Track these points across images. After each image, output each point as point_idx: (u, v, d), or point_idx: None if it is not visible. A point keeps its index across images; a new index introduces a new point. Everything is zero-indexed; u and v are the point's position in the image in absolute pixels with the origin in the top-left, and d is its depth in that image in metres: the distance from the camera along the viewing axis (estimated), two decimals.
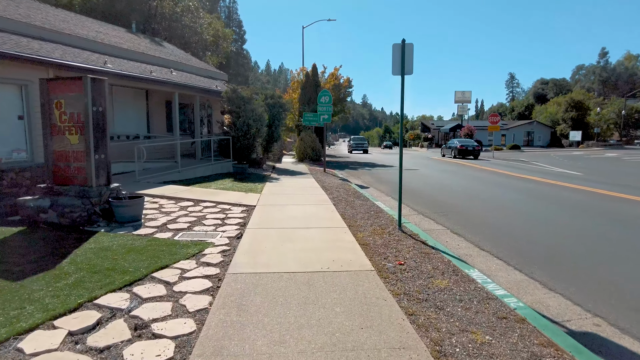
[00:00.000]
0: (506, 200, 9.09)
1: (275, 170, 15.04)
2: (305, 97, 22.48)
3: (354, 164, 22.43)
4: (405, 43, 5.45)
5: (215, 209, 7.14)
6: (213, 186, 9.88)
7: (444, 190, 11.06)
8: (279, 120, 16.82)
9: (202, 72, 17.19)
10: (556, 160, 26.47)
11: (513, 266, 4.60)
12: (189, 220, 6.28)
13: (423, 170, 17.39)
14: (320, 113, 14.77)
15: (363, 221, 6.39)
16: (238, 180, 11.29)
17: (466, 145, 27.72)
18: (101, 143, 6.41)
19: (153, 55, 14.56)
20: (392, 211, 7.35)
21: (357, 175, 15.18)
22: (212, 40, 30.74)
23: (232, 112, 13.76)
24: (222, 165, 13.15)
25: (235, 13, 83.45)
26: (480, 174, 15.66)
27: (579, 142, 61.02)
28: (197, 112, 14.02)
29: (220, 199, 7.99)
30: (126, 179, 10.08)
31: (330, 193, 9.39)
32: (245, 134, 13.66)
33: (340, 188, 10.49)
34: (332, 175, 14.03)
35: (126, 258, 4.43)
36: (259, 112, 14.00)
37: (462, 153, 27.16)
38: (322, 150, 18.84)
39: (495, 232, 6.19)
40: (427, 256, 4.61)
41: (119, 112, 12.79)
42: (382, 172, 16.91)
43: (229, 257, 4.46)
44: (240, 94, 13.70)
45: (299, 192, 9.42)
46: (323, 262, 4.18)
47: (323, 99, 14.69)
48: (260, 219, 6.36)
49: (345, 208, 7.46)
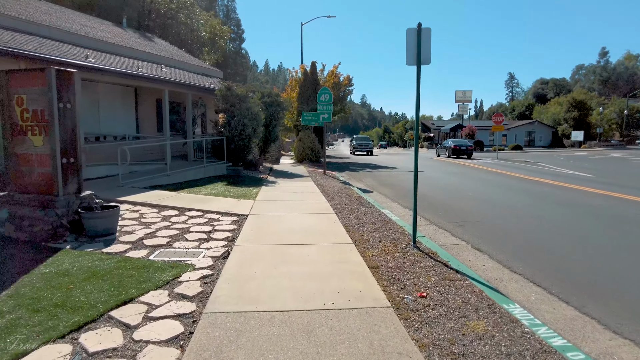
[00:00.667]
0: (525, 207, 8.28)
1: (273, 173, 14.22)
2: (304, 96, 21.66)
3: (355, 165, 21.61)
4: (422, 28, 4.63)
5: (201, 220, 6.30)
6: (203, 191, 9.04)
7: (454, 195, 10.25)
8: (276, 120, 16.00)
9: (195, 69, 16.35)
10: (561, 161, 25.73)
11: (556, 295, 3.78)
12: (169, 234, 5.45)
13: (428, 172, 16.58)
14: (320, 112, 13.95)
15: (370, 235, 5.57)
16: (231, 184, 10.45)
17: (460, 145, 28.77)
18: (70, 145, 5.57)
19: (142, 51, 13.72)
20: (402, 222, 6.53)
21: (359, 178, 14.37)
22: (209, 37, 29.86)
23: (226, 110, 12.94)
24: (215, 167, 12.31)
25: (233, 12, 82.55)
26: (488, 176, 14.86)
27: (581, 143, 60.32)
28: (189, 110, 13.19)
29: (209, 207, 7.15)
30: (109, 184, 9.25)
31: (332, 199, 8.57)
32: (240, 134, 12.83)
33: (342, 193, 9.67)
34: (332, 178, 13.21)
35: (85, 287, 3.60)
36: (255, 111, 13.17)
37: (456, 152, 28.24)
38: (322, 151, 18.03)
39: (523, 248, 5.38)
40: (452, 284, 3.80)
41: (106, 111, 11.94)
42: (384, 174, 16.10)
43: (209, 286, 3.64)
44: (235, 92, 12.88)
45: (297, 198, 8.59)
46: (326, 295, 3.35)
47: (323, 97, 13.87)
48: (252, 232, 5.53)
49: (349, 218, 6.64)
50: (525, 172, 16.49)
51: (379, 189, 11.30)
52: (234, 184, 10.51)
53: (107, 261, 4.38)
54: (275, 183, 11.19)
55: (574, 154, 36.67)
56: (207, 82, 14.44)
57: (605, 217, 7.29)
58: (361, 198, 8.96)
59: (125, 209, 6.97)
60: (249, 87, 13.78)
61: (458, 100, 66.60)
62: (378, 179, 13.98)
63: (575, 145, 61.42)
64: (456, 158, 27.69)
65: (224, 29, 35.22)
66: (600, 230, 6.34)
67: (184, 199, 7.83)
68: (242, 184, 10.46)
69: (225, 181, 10.93)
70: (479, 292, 3.63)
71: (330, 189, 10.39)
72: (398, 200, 9.36)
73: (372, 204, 8.15)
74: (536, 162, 23.84)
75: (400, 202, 9.10)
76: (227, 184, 10.34)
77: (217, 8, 77.19)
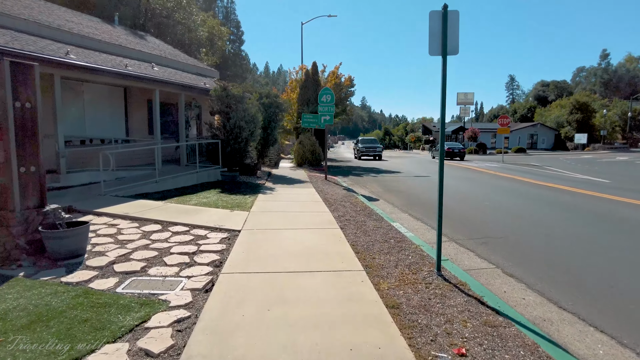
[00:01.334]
0: (554, 221, 7.43)
1: (271, 178, 13.39)
2: (304, 97, 20.87)
3: (358, 169, 20.79)
4: (449, 10, 3.82)
5: (186, 237, 5.47)
6: (193, 200, 8.21)
7: (469, 204, 9.42)
8: (275, 122, 15.19)
9: (190, 68, 15.55)
10: (569, 164, 24.97)
11: (632, 349, 2.95)
12: (146, 257, 4.62)
13: (434, 177, 15.75)
14: (321, 114, 13.14)
15: (383, 257, 4.73)
16: (225, 191, 9.62)
17: (452, 148, 31.34)
18: (30, 151, 4.74)
19: (132, 49, 12.92)
20: (418, 239, 5.69)
21: (363, 184, 13.54)
22: (207, 37, 29.10)
23: (221, 112, 12.12)
24: (209, 173, 11.49)
25: (233, 13, 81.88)
26: (500, 182, 14.03)
27: (585, 145, 59.56)
28: (182, 112, 12.37)
29: (197, 220, 6.32)
30: (90, 192, 8.42)
31: (335, 209, 7.74)
32: (236, 138, 12.01)
33: (346, 201, 8.84)
34: (334, 184, 12.39)
35: (17, 340, 2.76)
36: (252, 113, 12.35)
37: (449, 155, 30.87)
38: (323, 155, 17.22)
39: (565, 274, 4.54)
40: (495, 331, 2.96)
41: (92, 113, 11.13)
42: (389, 179, 15.27)
43: (183, 337, 2.81)
44: (231, 92, 12.07)
45: (297, 208, 7.76)
46: (336, 356, 2.51)
47: (324, 97, 13.06)
48: (243, 254, 4.69)
49: (357, 234, 5.80)
50: (537, 177, 15.67)
51: (385, 197, 10.47)
52: (229, 191, 9.67)
53: (63, 295, 3.55)
54: (273, 190, 10.36)
55: (580, 157, 35.91)
56: (202, 82, 13.63)
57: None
58: (367, 208, 8.12)
59: (101, 223, 6.14)
60: (245, 87, 12.98)
61: (460, 103, 65.87)
62: (383, 185, 13.15)
63: (579, 147, 60.64)
64: (450, 160, 29.67)
65: (223, 30, 34.45)
66: None
67: (171, 211, 7.00)
68: (237, 192, 9.63)
69: (219, 188, 10.09)
70: (533, 345, 2.79)
71: (333, 196, 9.56)
72: (407, 209, 8.53)
73: (380, 215, 7.31)
74: (544, 166, 23.03)
75: (410, 212, 8.27)
76: (220, 192, 9.51)
77: (216, 10, 76.72)
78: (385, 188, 12.34)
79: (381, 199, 10.12)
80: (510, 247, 5.60)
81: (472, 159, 33.31)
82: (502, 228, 6.75)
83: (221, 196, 8.87)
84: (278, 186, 11.22)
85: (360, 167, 21.91)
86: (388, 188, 12.34)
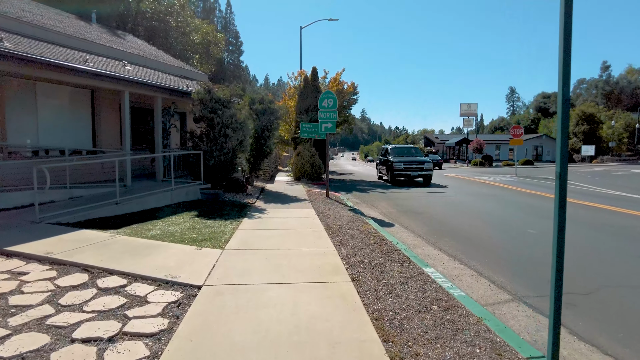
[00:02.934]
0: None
1: (264, 195, 11.46)
2: (303, 104, 19.11)
3: (362, 184, 18.88)
4: None
5: (115, 299, 3.51)
6: (156, 229, 6.27)
7: (506, 230, 7.50)
8: (270, 131, 13.35)
9: (174, 70, 13.78)
10: (588, 178, 23.17)
11: None
12: (28, 349, 2.67)
13: (451, 193, 13.83)
14: (322, 121, 11.30)
15: (432, 350, 2.78)
16: (202, 215, 7.70)
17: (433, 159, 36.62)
18: None
19: (101, 45, 11.16)
20: (474, 303, 3.73)
21: (370, 202, 11.62)
22: (201, 42, 27.52)
23: (204, 118, 10.28)
24: (187, 190, 9.57)
25: (232, 24, 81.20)
26: (527, 199, 12.12)
27: (592, 157, 57.88)
28: (159, 118, 10.52)
29: (145, 265, 4.37)
30: (19, 218, 6.47)
31: (342, 242, 5.80)
32: (221, 148, 10.13)
33: (354, 228, 6.91)
34: (337, 203, 10.46)
35: None
36: (240, 119, 10.51)
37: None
38: (325, 168, 15.35)
39: None
40: None
41: (47, 119, 9.28)
42: (400, 196, 13.35)
43: None
44: (216, 95, 10.25)
45: (291, 242, 5.81)
46: None
47: (326, 102, 11.25)
48: (192, 345, 2.74)
49: (378, 293, 3.84)
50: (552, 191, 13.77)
51: (402, 220, 8.54)
52: (207, 214, 7.75)
53: None
54: (263, 212, 8.43)
55: (592, 170, 34.12)
56: (184, 85, 11.82)
57: None
58: (383, 239, 6.18)
59: (3, 271, 4.20)
60: (234, 90, 11.17)
61: (463, 114, 64.56)
62: (395, 203, 11.22)
63: (586, 159, 58.95)
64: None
65: (218, 36, 32.92)
66: None
67: (115, 248, 5.05)
68: (217, 215, 7.70)
69: (195, 210, 8.17)
70: None
71: (337, 221, 7.63)
72: (435, 241, 6.60)
73: (404, 254, 5.36)
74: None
75: (440, 244, 6.33)
76: (196, 215, 7.58)
77: (215, 20, 76.08)
78: (399, 208, 10.41)
79: (397, 223, 8.18)
80: (617, 313, 3.65)
81: (480, 172, 31.46)
82: (582, 276, 4.80)
83: (194, 222, 6.94)
84: (270, 207, 9.29)
85: (365, 182, 19.99)
86: (402, 208, 10.41)
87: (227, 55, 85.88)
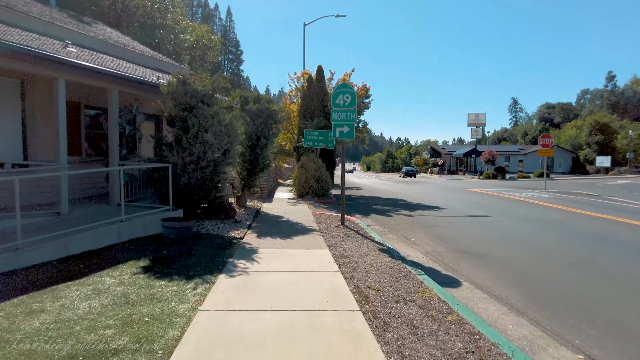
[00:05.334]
0: None
1: (258, 222, 8.56)
2: (307, 108, 16.33)
3: (376, 201, 15.96)
4: None
5: None
6: (47, 310, 3.36)
7: (599, 279, 4.58)
8: (267, 138, 10.53)
9: (145, 61, 10.97)
10: (620, 191, 20.53)
11: None
12: None
13: (499, 219, 10.89)
14: (337, 123, 8.47)
15: None
16: (157, 266, 4.79)
17: (408, 171, 50.38)
18: None
19: (49, 23, 8.43)
20: None
21: (400, 230, 8.72)
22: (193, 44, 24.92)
23: (176, 118, 7.46)
24: (146, 220, 6.67)
25: (232, 32, 79.29)
26: (583, 223, 9.23)
27: (608, 169, 55.00)
28: (114, 119, 7.67)
29: None
30: None
31: (400, 350, 2.89)
32: (197, 160, 7.27)
33: (407, 299, 4.00)
34: (359, 235, 7.54)
35: None
36: (226, 121, 7.69)
37: (407, 175, 49.65)
38: (340, 185, 12.45)
39: None
40: None
41: None
42: (432, 220, 10.42)
43: None
44: (192, 87, 7.45)
45: (297, 346, 2.89)
46: None
47: (341, 99, 8.43)
48: None
49: None
50: (617, 212, 11.12)
51: (464, 269, 5.61)
52: (163, 264, 4.84)
53: None
54: (252, 258, 5.51)
55: (617, 182, 31.40)
56: (155, 76, 9.01)
57: None
58: (473, 334, 3.28)
59: None
60: (218, 81, 8.44)
61: (471, 123, 61.96)
62: (435, 234, 8.30)
63: (601, 171, 56.12)
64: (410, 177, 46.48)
65: (214, 38, 30.39)
66: None
67: None
68: (180, 267, 4.79)
69: (149, 256, 5.26)
70: None
71: (371, 276, 4.73)
72: (556, 325, 3.68)
73: None
74: (603, 195, 18.28)
75: (576, 338, 3.41)
76: (144, 269, 4.67)
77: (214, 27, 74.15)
78: (445, 243, 7.48)
79: (460, 277, 5.26)
80: None
81: (500, 185, 28.54)
82: None
83: (133, 287, 4.02)
84: (265, 245, 6.38)
85: (377, 198, 17.06)
86: (449, 243, 7.48)
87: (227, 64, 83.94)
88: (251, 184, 10.81)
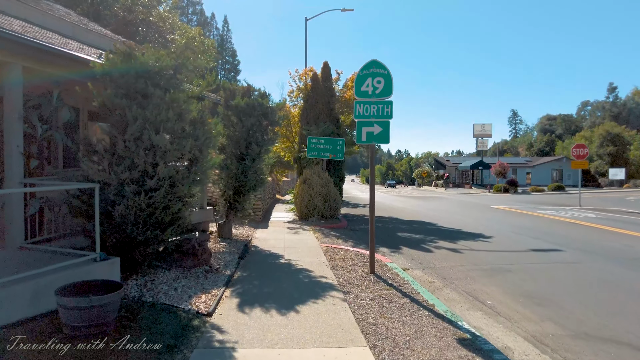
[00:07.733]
0: None
1: (244, 270, 5.67)
2: (311, 112, 13.60)
3: (396, 224, 13.07)
4: None
5: None
6: None
7: None
8: (261, 144, 7.70)
9: (96, 41, 8.15)
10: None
11: None
12: None
13: (575, 253, 8.03)
14: (363, 121, 5.68)
15: None
16: None
17: (391, 183, 65.10)
18: None
19: None
20: None
21: (461, 282, 5.84)
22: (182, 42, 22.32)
23: (113, 110, 4.62)
24: (42, 284, 3.77)
25: (229, 41, 77.39)
26: None
27: (623, 181, 52.44)
28: (15, 112, 4.86)
29: None
30: None
31: None
32: (141, 178, 4.41)
33: None
34: (403, 297, 4.65)
35: None
36: (192, 114, 4.88)
37: (390, 186, 62.44)
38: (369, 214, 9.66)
39: None
40: None
41: None
42: (492, 258, 7.56)
43: None
44: (141, 60, 4.65)
45: None
46: None
47: (369, 83, 5.66)
48: None
49: None
50: None
51: None
52: None
53: None
54: None
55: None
56: (92, 53, 6.19)
57: None
58: None
59: None
60: (184, 55, 5.42)
61: (477, 134, 59.47)
62: (524, 293, 5.42)
63: (615, 184, 53.52)
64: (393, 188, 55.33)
65: (206, 42, 27.91)
66: None
67: None
68: None
69: None
70: None
71: None
72: None
73: None
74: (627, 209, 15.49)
75: None
76: None
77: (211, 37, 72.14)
78: (555, 316, 4.59)
79: None
80: None
81: (520, 201, 25.67)
82: None
83: None
84: (249, 331, 3.48)
85: (396, 219, 14.14)
86: (561, 315, 4.60)
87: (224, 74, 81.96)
88: (239, 208, 7.93)
